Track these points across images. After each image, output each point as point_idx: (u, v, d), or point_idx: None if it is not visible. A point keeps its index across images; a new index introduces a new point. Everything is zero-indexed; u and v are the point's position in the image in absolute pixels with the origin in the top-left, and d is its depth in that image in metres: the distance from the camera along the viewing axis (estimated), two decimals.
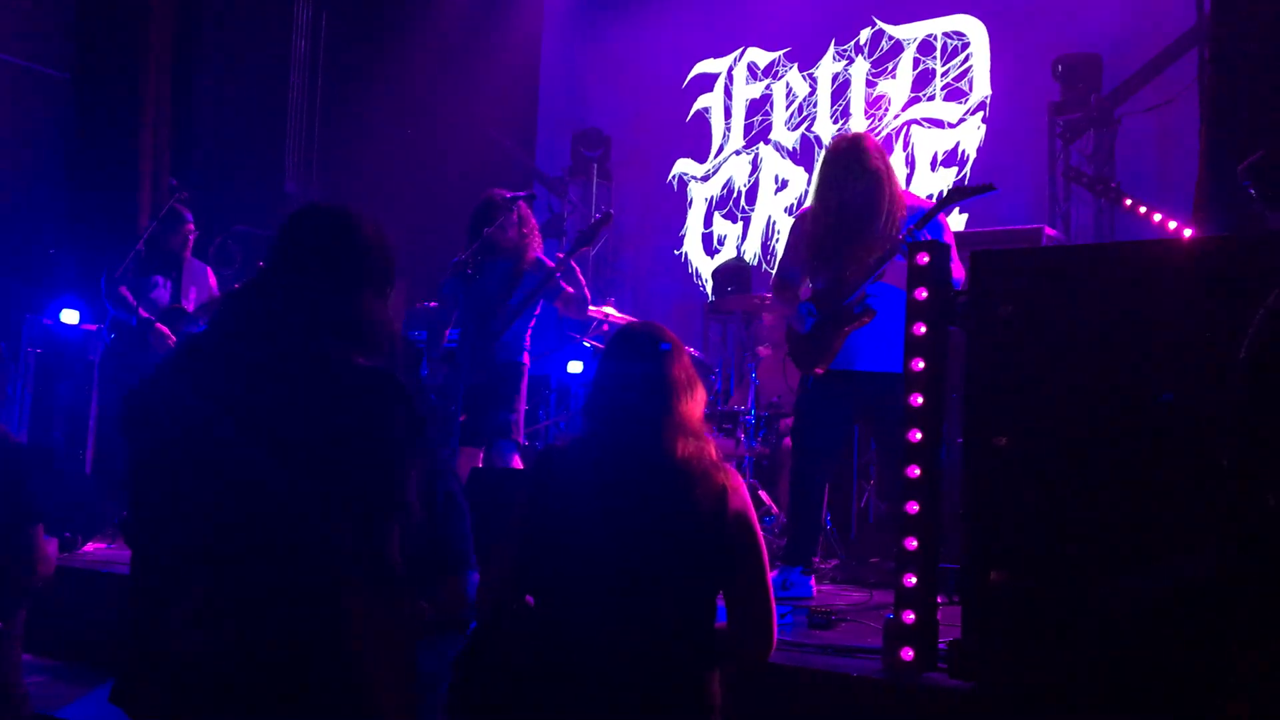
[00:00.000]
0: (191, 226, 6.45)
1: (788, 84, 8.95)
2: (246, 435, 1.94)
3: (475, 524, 4.11)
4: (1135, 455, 2.69)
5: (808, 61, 8.85)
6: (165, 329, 6.11)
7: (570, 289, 5.30)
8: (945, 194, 4.33)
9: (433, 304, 7.26)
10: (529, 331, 5.44)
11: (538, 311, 5.41)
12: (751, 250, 8.95)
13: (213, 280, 6.55)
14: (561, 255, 5.24)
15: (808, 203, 4.69)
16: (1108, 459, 2.72)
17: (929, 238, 4.20)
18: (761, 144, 9.04)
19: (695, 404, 2.44)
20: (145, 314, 6.13)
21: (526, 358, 5.45)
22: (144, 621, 2.00)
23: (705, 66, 9.39)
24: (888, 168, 4.41)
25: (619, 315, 6.76)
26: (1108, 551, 2.69)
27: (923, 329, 3.10)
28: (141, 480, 2.03)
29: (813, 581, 4.48)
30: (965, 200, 4.25)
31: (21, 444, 3.36)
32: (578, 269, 5.31)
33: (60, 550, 3.59)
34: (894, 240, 4.24)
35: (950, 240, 4.35)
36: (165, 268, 6.36)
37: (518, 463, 5.23)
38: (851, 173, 4.34)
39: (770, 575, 2.42)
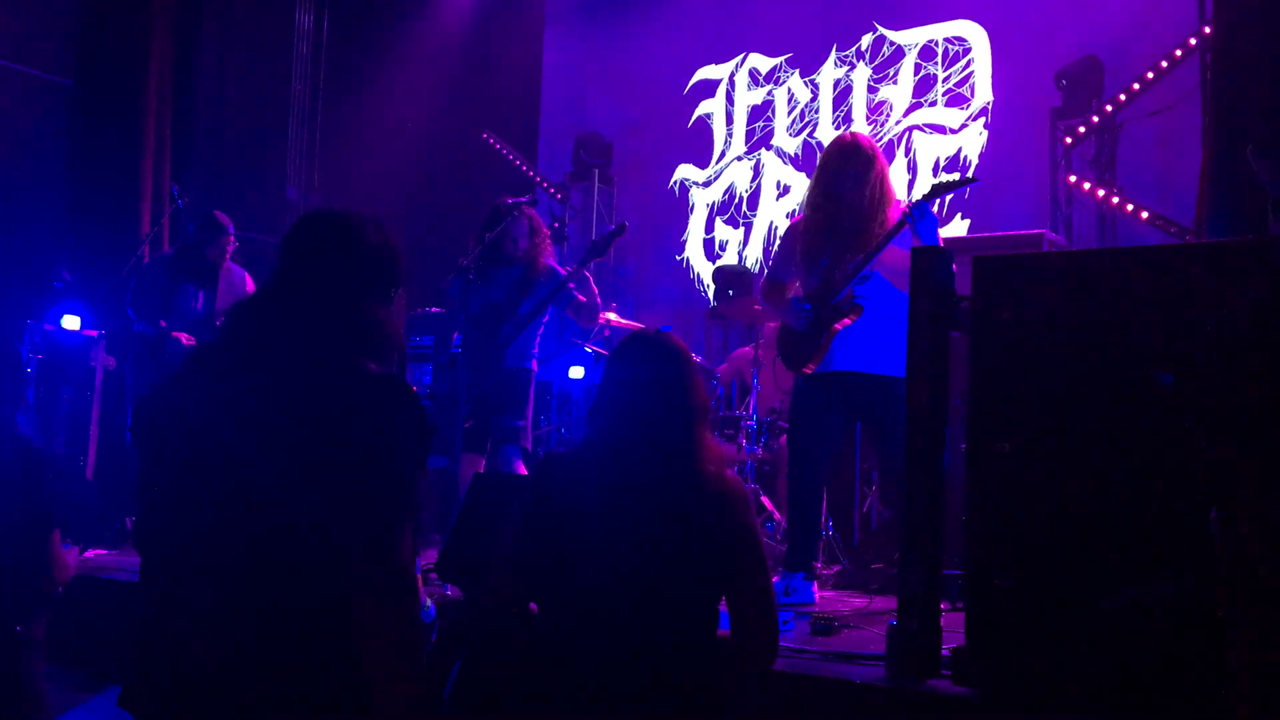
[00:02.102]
0: (232, 238, 6.36)
1: (789, 90, 8.95)
2: (256, 443, 1.93)
3: (478, 529, 4.11)
4: (1139, 460, 2.69)
5: (809, 67, 8.86)
6: (184, 338, 6.08)
7: (583, 298, 5.30)
8: (930, 188, 4.32)
9: (435, 309, 7.26)
10: (537, 338, 5.44)
11: (545, 318, 5.41)
12: (753, 256, 8.95)
13: (251, 287, 6.41)
14: (574, 266, 5.24)
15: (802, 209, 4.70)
16: (1111, 464, 2.72)
17: (916, 234, 4.18)
18: (763, 150, 9.05)
19: (700, 411, 2.44)
20: (164, 325, 6.10)
21: (534, 364, 5.45)
22: (153, 627, 2.00)
23: (707, 72, 9.39)
24: (882, 169, 4.42)
25: (622, 321, 6.75)
26: (1112, 557, 2.69)
27: (925, 335, 3.09)
28: (151, 487, 2.03)
29: (814, 587, 4.46)
30: (950, 192, 4.24)
31: (44, 450, 3.36)
32: (590, 278, 5.31)
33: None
34: (883, 237, 4.24)
35: (938, 239, 4.36)
36: (200, 277, 6.27)
37: (523, 469, 5.21)
38: (846, 170, 4.37)
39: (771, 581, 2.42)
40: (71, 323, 6.54)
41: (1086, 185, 7.13)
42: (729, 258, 9.02)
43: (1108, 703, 2.64)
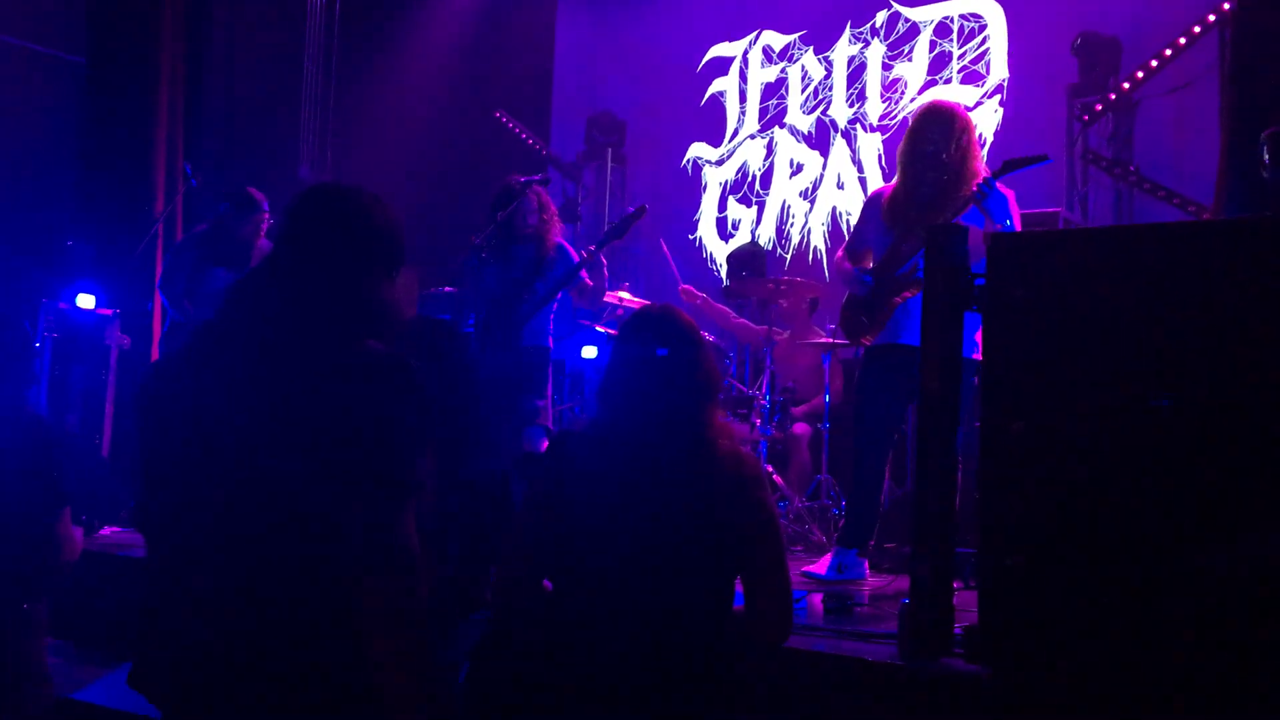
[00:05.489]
0: (267, 215, 6.16)
1: (803, 67, 8.90)
2: (257, 421, 1.92)
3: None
4: (1153, 439, 2.67)
5: (823, 45, 8.80)
6: None
7: (590, 281, 5.29)
8: (1001, 165, 4.28)
9: (448, 289, 7.26)
10: (551, 316, 5.43)
11: (557, 298, 5.41)
12: (766, 235, 8.92)
13: None
14: (593, 248, 5.21)
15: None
16: (1125, 443, 2.70)
17: (986, 211, 4.16)
18: (776, 128, 9.00)
19: (710, 388, 2.43)
20: (190, 308, 6.06)
21: (551, 341, 5.44)
22: (158, 607, 2.00)
23: (720, 50, 9.34)
24: (969, 140, 4.36)
25: (633, 299, 6.74)
26: (1125, 536, 2.67)
27: (939, 313, 3.08)
28: (153, 466, 2.02)
29: (866, 565, 4.45)
30: (1020, 170, 4.20)
31: (54, 428, 3.36)
32: (604, 262, 5.29)
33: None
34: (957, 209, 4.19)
35: (1015, 213, 4.31)
36: (231, 259, 6.05)
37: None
38: (929, 139, 4.33)
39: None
40: (86, 301, 6.55)
41: (1103, 163, 7.07)
42: (742, 237, 8.99)
43: (1120, 682, 2.63)
